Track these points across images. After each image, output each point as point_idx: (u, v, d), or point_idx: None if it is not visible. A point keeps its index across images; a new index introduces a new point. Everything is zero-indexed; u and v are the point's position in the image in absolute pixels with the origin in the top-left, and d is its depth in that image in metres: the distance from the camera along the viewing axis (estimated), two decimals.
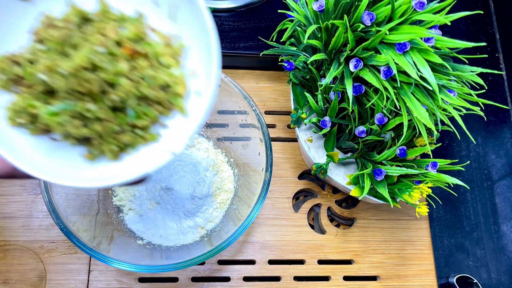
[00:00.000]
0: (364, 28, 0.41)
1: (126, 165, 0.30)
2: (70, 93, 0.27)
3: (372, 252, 0.59)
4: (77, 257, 0.54)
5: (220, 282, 0.56)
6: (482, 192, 0.64)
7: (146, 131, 0.30)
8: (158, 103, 0.30)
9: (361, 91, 0.44)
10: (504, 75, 0.70)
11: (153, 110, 0.30)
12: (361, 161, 0.52)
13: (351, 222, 0.62)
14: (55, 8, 0.29)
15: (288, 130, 0.64)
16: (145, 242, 0.53)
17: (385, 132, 0.49)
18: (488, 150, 0.66)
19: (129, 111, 0.29)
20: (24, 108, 0.27)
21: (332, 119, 0.49)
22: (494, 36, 0.72)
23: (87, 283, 0.54)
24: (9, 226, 0.55)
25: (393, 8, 0.40)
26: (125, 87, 0.28)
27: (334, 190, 0.62)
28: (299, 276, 0.58)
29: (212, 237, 0.53)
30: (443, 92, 0.41)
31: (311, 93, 0.53)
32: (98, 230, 0.50)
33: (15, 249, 0.54)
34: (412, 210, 0.61)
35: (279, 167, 0.61)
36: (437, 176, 0.48)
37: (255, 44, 0.60)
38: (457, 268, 0.61)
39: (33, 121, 0.28)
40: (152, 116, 0.30)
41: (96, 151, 0.30)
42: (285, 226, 0.59)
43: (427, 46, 0.39)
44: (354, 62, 0.42)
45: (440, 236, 0.62)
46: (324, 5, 0.44)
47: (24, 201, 0.56)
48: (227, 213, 0.55)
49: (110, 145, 0.29)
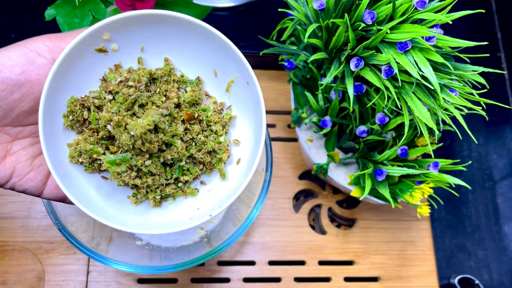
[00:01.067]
0: (365, 27, 0.41)
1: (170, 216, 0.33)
2: (132, 148, 0.30)
3: (373, 253, 0.59)
4: (75, 258, 0.54)
5: (220, 283, 0.56)
6: (483, 193, 0.64)
7: (188, 185, 0.34)
8: (202, 164, 0.33)
9: (362, 91, 0.44)
10: (506, 75, 0.70)
11: (197, 169, 0.33)
12: (362, 161, 0.52)
13: (352, 223, 0.61)
14: (126, 62, 0.33)
15: (288, 130, 0.63)
16: (144, 243, 0.53)
17: (386, 132, 0.49)
18: (490, 150, 0.66)
19: (176, 168, 0.32)
20: (88, 152, 0.31)
21: (333, 118, 0.49)
22: (496, 35, 0.71)
23: (85, 284, 0.53)
24: (7, 227, 0.55)
25: (394, 6, 0.39)
26: (179, 149, 0.31)
27: (334, 191, 0.62)
28: (299, 277, 0.57)
29: (212, 237, 0.52)
30: (445, 91, 0.41)
31: (312, 92, 0.52)
32: (97, 231, 0.50)
33: (14, 250, 0.54)
34: (413, 211, 0.61)
35: (279, 167, 0.61)
36: (439, 176, 0.47)
37: (255, 43, 0.60)
38: (459, 269, 0.60)
39: (91, 162, 0.31)
40: (195, 174, 0.33)
41: (142, 196, 0.33)
42: (286, 226, 0.59)
43: (428, 45, 0.38)
44: (355, 61, 0.42)
45: (442, 237, 0.61)
46: (324, 3, 0.43)
47: (22, 201, 0.56)
48: (226, 214, 0.55)
49: (154, 194, 0.33)
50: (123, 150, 0.30)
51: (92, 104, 0.31)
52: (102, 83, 0.32)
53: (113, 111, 0.30)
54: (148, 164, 0.31)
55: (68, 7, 0.49)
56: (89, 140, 0.31)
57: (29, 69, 0.29)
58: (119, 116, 0.30)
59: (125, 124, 0.29)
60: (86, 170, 0.32)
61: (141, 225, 0.31)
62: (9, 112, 0.29)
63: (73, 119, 0.31)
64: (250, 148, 0.33)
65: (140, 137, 0.29)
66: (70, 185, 0.30)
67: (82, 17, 0.48)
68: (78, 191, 0.30)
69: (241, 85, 0.33)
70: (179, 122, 0.32)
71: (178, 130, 0.31)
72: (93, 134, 0.31)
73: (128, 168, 0.31)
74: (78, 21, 0.48)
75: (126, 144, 0.29)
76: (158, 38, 0.32)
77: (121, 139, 0.29)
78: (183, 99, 0.33)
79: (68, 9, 0.49)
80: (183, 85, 0.33)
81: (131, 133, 0.29)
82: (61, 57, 0.29)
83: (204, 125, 0.33)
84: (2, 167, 0.31)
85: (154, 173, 0.31)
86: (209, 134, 0.33)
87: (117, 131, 0.29)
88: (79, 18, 0.48)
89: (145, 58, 0.33)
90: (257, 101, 0.32)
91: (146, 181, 0.31)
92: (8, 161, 0.31)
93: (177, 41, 0.32)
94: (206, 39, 0.32)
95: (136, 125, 0.29)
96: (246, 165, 0.33)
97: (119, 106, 0.30)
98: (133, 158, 0.30)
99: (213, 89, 0.35)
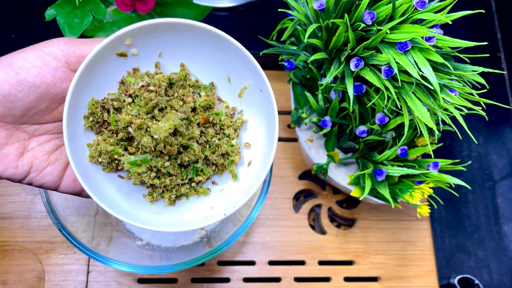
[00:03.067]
0: (365, 27, 0.41)
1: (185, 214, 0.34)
2: (152, 151, 0.31)
3: (373, 253, 0.59)
4: (76, 258, 0.54)
5: (220, 283, 0.56)
6: (483, 193, 0.64)
7: (200, 185, 0.35)
8: (215, 165, 0.35)
9: (362, 91, 0.44)
10: (506, 75, 0.70)
11: (210, 170, 0.35)
12: (362, 161, 0.52)
13: (351, 223, 0.61)
14: (143, 66, 0.34)
15: (288, 130, 0.63)
16: (144, 243, 0.53)
17: (386, 132, 0.49)
18: (490, 150, 0.66)
19: (191, 168, 0.34)
20: (109, 153, 0.32)
21: (333, 118, 0.49)
22: (496, 36, 0.71)
23: (86, 284, 0.53)
24: (7, 227, 0.55)
25: (394, 7, 0.39)
26: (196, 151, 0.33)
27: (334, 191, 0.62)
28: (299, 277, 0.57)
29: (212, 237, 0.52)
30: (445, 91, 0.41)
31: (312, 92, 0.52)
32: (97, 231, 0.50)
33: (14, 250, 0.54)
34: (413, 211, 0.61)
35: (279, 167, 0.61)
36: (439, 176, 0.47)
37: (255, 43, 0.60)
38: (459, 269, 0.60)
39: (110, 162, 0.33)
40: (208, 174, 0.35)
41: (157, 195, 0.34)
42: (286, 226, 0.59)
43: (428, 45, 0.38)
44: (355, 61, 0.42)
45: (442, 237, 0.61)
46: (324, 4, 0.43)
47: (22, 201, 0.56)
48: None
49: (170, 194, 0.34)
50: (143, 152, 0.32)
51: (112, 106, 0.32)
52: (121, 86, 0.33)
53: (133, 114, 0.32)
54: (167, 166, 0.32)
55: (68, 7, 0.49)
56: (109, 141, 0.32)
57: (44, 71, 0.30)
58: (140, 119, 0.31)
59: (147, 127, 0.31)
60: (104, 169, 0.33)
61: (158, 223, 0.33)
62: (26, 112, 0.31)
63: (93, 120, 0.32)
64: (261, 151, 0.35)
65: (163, 140, 0.30)
66: (90, 182, 0.31)
67: (82, 17, 0.48)
68: (97, 188, 0.32)
69: (254, 91, 0.34)
70: (195, 125, 0.33)
71: (195, 133, 0.33)
72: (112, 135, 0.33)
73: (148, 169, 0.32)
74: (78, 21, 0.48)
75: (148, 146, 0.31)
76: (175, 44, 0.33)
77: (142, 141, 0.31)
78: (198, 103, 0.34)
79: (68, 9, 0.49)
80: (197, 90, 0.35)
81: (154, 136, 0.30)
82: (87, 60, 0.30)
83: (217, 129, 0.35)
84: (21, 163, 0.32)
85: (172, 174, 0.33)
86: (222, 137, 0.35)
87: (138, 133, 0.31)
88: (79, 18, 0.48)
89: (162, 63, 0.34)
90: (270, 108, 0.33)
91: (164, 181, 0.33)
92: (26, 157, 0.32)
93: (193, 48, 0.34)
94: (222, 47, 0.33)
95: (159, 129, 0.30)
96: (258, 167, 0.34)
97: (139, 109, 0.32)
98: (153, 160, 0.32)
99: (226, 94, 0.36)
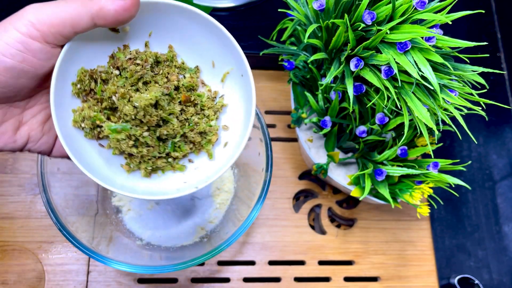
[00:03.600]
0: (365, 27, 0.41)
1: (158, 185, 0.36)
2: (133, 119, 0.33)
3: (373, 253, 0.59)
4: (76, 258, 0.54)
5: (220, 283, 0.56)
6: (483, 193, 0.64)
7: (177, 161, 0.37)
8: (192, 143, 0.37)
9: (362, 91, 0.44)
10: (506, 75, 0.70)
11: (187, 147, 0.37)
12: (362, 161, 0.52)
13: (351, 223, 0.61)
14: (134, 44, 0.35)
15: (288, 130, 0.63)
16: (145, 243, 0.53)
17: (386, 132, 0.49)
18: (490, 150, 0.66)
19: (169, 143, 0.36)
20: (92, 118, 0.33)
21: (333, 119, 0.49)
22: (496, 36, 0.71)
23: (86, 283, 0.53)
24: (7, 227, 0.55)
25: (394, 7, 0.39)
26: (174, 126, 0.35)
27: (334, 191, 0.62)
28: (299, 277, 0.57)
29: (212, 237, 0.52)
30: (444, 91, 0.41)
31: (312, 92, 0.52)
32: (97, 231, 0.50)
33: (14, 250, 0.54)
34: (413, 211, 0.61)
35: (279, 167, 0.61)
36: (438, 176, 0.48)
37: (255, 43, 0.60)
38: (459, 269, 0.60)
39: (92, 128, 0.34)
40: (185, 151, 0.37)
41: (134, 166, 0.36)
42: (285, 226, 0.59)
43: (428, 46, 0.38)
44: (354, 61, 0.42)
45: (441, 237, 0.61)
46: (324, 4, 0.44)
47: (22, 201, 0.56)
48: (227, 214, 0.55)
49: (146, 165, 0.36)
50: (124, 121, 0.33)
51: (99, 77, 0.34)
52: (110, 59, 0.35)
53: (119, 85, 0.33)
54: (145, 136, 0.34)
55: None
56: (93, 108, 0.34)
57: (29, 56, 0.29)
58: (124, 89, 0.33)
59: (129, 97, 0.33)
60: (86, 135, 0.35)
61: (133, 190, 0.34)
62: (18, 92, 0.31)
63: (81, 87, 0.34)
64: (238, 134, 0.37)
65: (143, 109, 0.32)
66: (72, 146, 0.33)
67: None
68: (79, 153, 0.33)
69: (236, 76, 0.36)
70: (177, 103, 0.35)
71: (175, 109, 0.35)
72: (97, 104, 0.34)
73: (126, 137, 0.34)
74: None
75: (128, 114, 0.32)
76: (166, 26, 0.35)
77: (124, 109, 0.32)
78: (182, 83, 0.36)
79: None
80: (182, 72, 0.37)
81: (135, 104, 0.32)
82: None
83: (198, 109, 0.37)
84: (19, 137, 0.33)
85: (149, 145, 0.35)
86: (202, 117, 0.37)
87: (121, 102, 0.33)
88: None
89: (151, 43, 0.36)
90: (249, 92, 0.35)
91: (141, 151, 0.35)
92: (22, 131, 0.33)
93: (182, 31, 0.35)
94: (209, 31, 0.34)
95: (140, 98, 0.32)
96: (233, 149, 0.36)
97: (124, 81, 0.34)
98: (132, 128, 0.33)
99: (210, 78, 0.38)
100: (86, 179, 0.53)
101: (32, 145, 0.34)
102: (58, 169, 0.47)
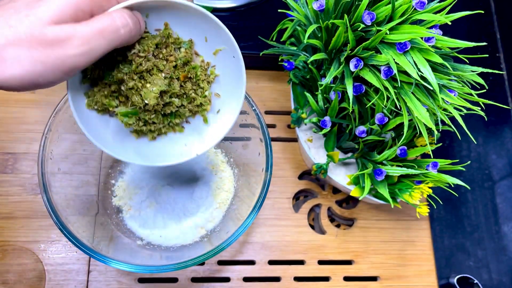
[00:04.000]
0: (365, 28, 0.41)
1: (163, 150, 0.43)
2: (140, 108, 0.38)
3: (372, 253, 0.59)
4: (76, 258, 0.54)
5: (220, 283, 0.56)
6: (483, 192, 0.64)
7: (177, 125, 0.43)
8: (190, 110, 0.42)
9: (362, 91, 0.44)
10: (505, 75, 0.70)
11: (186, 113, 0.41)
12: (361, 161, 0.52)
13: (351, 223, 0.61)
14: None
15: (288, 130, 0.63)
16: (145, 243, 0.53)
17: (385, 132, 0.49)
18: (489, 150, 0.66)
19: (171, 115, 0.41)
20: (103, 104, 0.38)
21: (333, 119, 0.49)
22: (495, 36, 0.71)
23: (86, 283, 0.54)
24: (8, 226, 0.55)
25: (393, 7, 0.40)
26: (176, 104, 0.40)
27: (334, 190, 0.62)
28: (299, 276, 0.57)
29: (212, 237, 0.53)
30: (444, 92, 0.41)
31: (311, 93, 0.53)
32: (98, 230, 0.50)
33: (14, 249, 0.54)
34: (412, 211, 0.61)
35: (279, 167, 0.61)
36: (438, 176, 0.48)
37: (255, 44, 0.60)
38: (458, 268, 0.61)
39: (103, 109, 0.39)
40: (184, 117, 0.42)
41: (141, 132, 0.42)
42: (285, 226, 0.59)
43: (427, 46, 0.38)
44: (354, 61, 0.42)
45: (441, 237, 0.62)
46: (324, 4, 0.44)
47: (23, 201, 0.56)
48: (227, 213, 0.55)
49: (153, 134, 0.42)
50: (132, 105, 0.38)
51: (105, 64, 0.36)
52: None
53: (124, 71, 0.36)
54: (153, 117, 0.39)
55: None
56: (103, 92, 0.37)
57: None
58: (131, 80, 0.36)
59: (137, 88, 0.36)
60: (98, 113, 0.39)
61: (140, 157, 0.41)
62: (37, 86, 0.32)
63: (89, 76, 0.37)
64: (229, 101, 0.42)
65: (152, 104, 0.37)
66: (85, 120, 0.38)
67: None
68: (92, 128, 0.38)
69: (228, 55, 0.40)
70: (175, 80, 0.39)
71: (176, 89, 0.38)
72: (105, 87, 0.37)
73: (136, 120, 0.39)
74: None
75: (138, 104, 0.37)
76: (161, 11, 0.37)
77: (133, 98, 0.37)
78: (178, 61, 0.39)
79: None
80: (177, 45, 0.39)
81: (145, 101, 0.36)
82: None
83: (193, 82, 0.40)
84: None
85: (156, 122, 0.41)
86: (197, 89, 0.41)
87: (129, 92, 0.36)
88: None
89: (148, 22, 0.37)
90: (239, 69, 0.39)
91: (149, 128, 0.41)
92: None
93: (176, 18, 0.38)
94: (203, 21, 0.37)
95: (149, 94, 0.36)
96: (226, 116, 0.42)
97: (130, 70, 0.36)
98: (141, 114, 0.39)
99: (202, 50, 0.40)
100: (86, 179, 0.54)
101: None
102: (58, 169, 0.47)
